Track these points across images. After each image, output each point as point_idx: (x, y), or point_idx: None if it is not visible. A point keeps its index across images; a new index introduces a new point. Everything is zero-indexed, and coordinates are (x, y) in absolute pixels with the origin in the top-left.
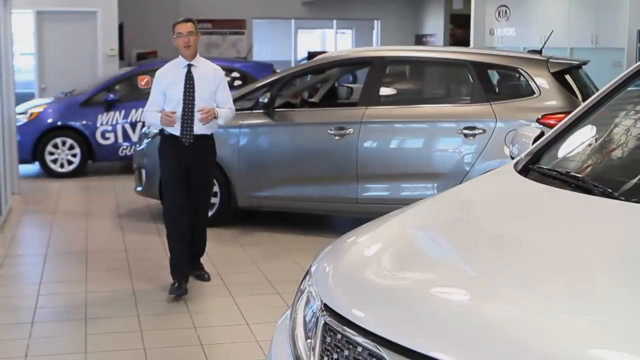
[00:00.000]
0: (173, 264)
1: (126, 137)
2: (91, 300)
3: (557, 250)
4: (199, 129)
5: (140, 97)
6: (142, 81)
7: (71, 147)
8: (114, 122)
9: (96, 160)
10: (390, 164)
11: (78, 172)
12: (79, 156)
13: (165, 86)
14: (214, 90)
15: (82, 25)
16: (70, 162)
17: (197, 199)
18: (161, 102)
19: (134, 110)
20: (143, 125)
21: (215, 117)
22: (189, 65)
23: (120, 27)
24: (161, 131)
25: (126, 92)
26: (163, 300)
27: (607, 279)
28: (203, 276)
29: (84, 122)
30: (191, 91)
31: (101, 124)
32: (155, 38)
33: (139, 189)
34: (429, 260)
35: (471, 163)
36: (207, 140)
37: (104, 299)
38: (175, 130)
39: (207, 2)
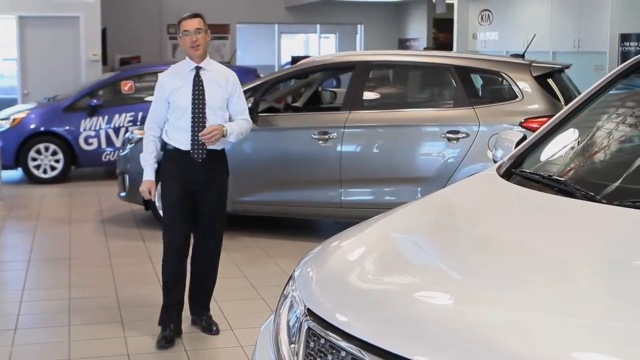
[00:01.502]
0: (162, 311)
1: (109, 142)
2: (75, 306)
3: (539, 253)
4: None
5: (123, 102)
6: (126, 86)
7: (54, 153)
8: (97, 128)
9: (79, 165)
10: (374, 168)
11: (61, 178)
12: (62, 162)
13: (169, 92)
14: (227, 98)
15: (65, 30)
16: (53, 168)
17: (206, 231)
18: (163, 112)
19: (117, 116)
20: (126, 131)
21: (224, 136)
22: (197, 68)
23: (103, 32)
24: (165, 145)
25: (109, 97)
26: (146, 306)
27: (589, 282)
28: (211, 328)
29: (67, 127)
30: (201, 98)
31: (84, 130)
32: (138, 43)
33: (123, 194)
34: (413, 264)
35: (455, 167)
36: (220, 157)
37: (87, 305)
38: (184, 143)
39: (190, 7)
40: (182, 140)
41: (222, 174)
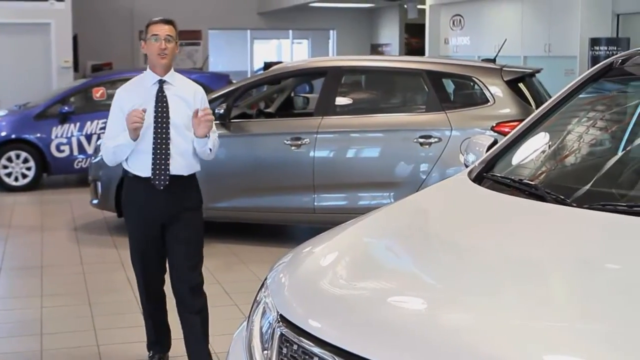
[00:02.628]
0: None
1: (81, 149)
2: (47, 315)
3: (511, 257)
4: (176, 167)
5: (95, 109)
6: (97, 93)
7: (25, 161)
8: (69, 135)
9: (51, 173)
10: (347, 173)
11: (33, 186)
12: (33, 169)
13: (128, 109)
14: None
15: (35, 37)
16: (24, 176)
17: (180, 273)
18: (122, 131)
19: (89, 123)
20: (98, 138)
21: (207, 136)
22: (161, 82)
23: (75, 39)
24: (124, 172)
25: (81, 104)
26: (120, 313)
27: (560, 285)
28: None
29: (39, 134)
30: (165, 116)
31: (56, 137)
32: (110, 49)
33: (95, 201)
34: (386, 269)
35: (427, 171)
36: (189, 183)
37: (60, 313)
38: (144, 169)
39: (162, 13)
40: (142, 166)
41: (193, 205)
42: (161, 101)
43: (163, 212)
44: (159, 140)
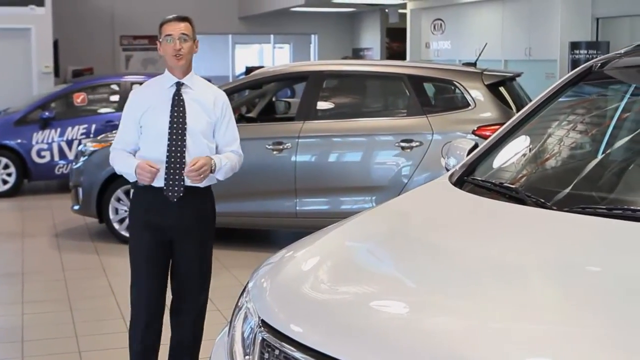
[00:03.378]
0: None
1: (62, 155)
2: (28, 322)
3: (492, 260)
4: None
5: (76, 114)
6: (78, 98)
7: (6, 167)
8: (49, 141)
9: (32, 179)
10: (329, 177)
11: (13, 192)
12: (14, 175)
13: (141, 113)
14: (213, 123)
15: (16, 42)
16: (5, 182)
17: (185, 292)
18: (133, 137)
19: (70, 128)
20: (79, 143)
21: (212, 172)
22: (179, 84)
23: (55, 44)
24: (134, 184)
25: (62, 109)
26: (101, 320)
27: (541, 288)
28: None
29: (19, 140)
30: (181, 122)
31: (37, 142)
32: (90, 54)
33: (76, 207)
34: (367, 273)
35: (409, 175)
36: (204, 196)
37: (41, 320)
38: (157, 180)
39: (143, 18)
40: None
41: (206, 218)
42: (178, 105)
43: (172, 226)
44: (173, 148)
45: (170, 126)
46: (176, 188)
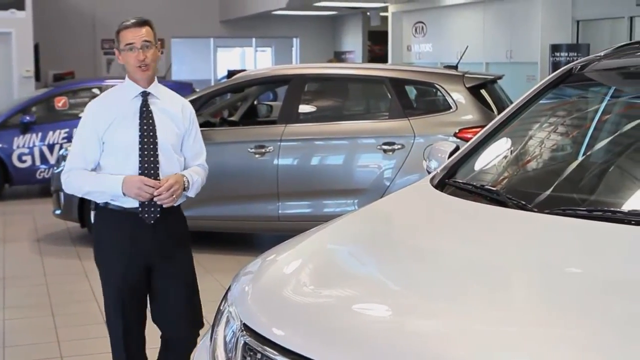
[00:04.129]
0: None
1: (44, 159)
2: (9, 327)
3: (474, 262)
4: None
5: (57, 118)
6: (59, 102)
7: None
8: (31, 145)
9: (13, 183)
10: (311, 181)
11: None
12: None
13: (104, 127)
14: (182, 135)
15: None
16: None
17: (174, 327)
18: (95, 155)
19: (51, 132)
20: (61, 147)
21: (185, 189)
22: (145, 95)
23: (36, 48)
24: (97, 206)
25: (43, 113)
26: (83, 325)
27: (523, 290)
28: None
29: (0, 145)
30: (152, 135)
31: (18, 147)
32: (72, 58)
33: (58, 212)
34: (350, 276)
35: (391, 178)
36: (179, 214)
37: (23, 325)
38: (129, 200)
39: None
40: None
41: (184, 238)
42: (147, 118)
43: (150, 251)
44: (146, 165)
45: (141, 140)
46: (152, 209)
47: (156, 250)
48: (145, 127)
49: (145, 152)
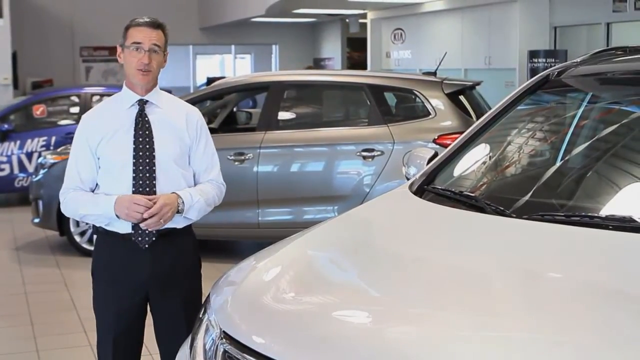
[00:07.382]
0: None
1: (22, 168)
2: None
3: (453, 268)
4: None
5: (36, 126)
6: (38, 110)
7: None
8: (9, 153)
9: None
10: (291, 187)
11: None
12: None
13: (97, 141)
14: (188, 146)
15: None
16: None
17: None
18: (92, 174)
19: (29, 141)
20: (39, 156)
21: (180, 212)
22: (142, 103)
23: (14, 56)
24: (96, 229)
25: (21, 121)
26: (63, 334)
27: (503, 296)
28: None
29: None
30: (148, 148)
31: None
32: (50, 66)
33: (37, 220)
34: (330, 282)
35: (371, 184)
36: (183, 238)
37: (1, 335)
38: (121, 223)
39: (103, 29)
40: (121, 219)
41: (189, 267)
42: (142, 128)
43: (148, 280)
44: (140, 182)
45: (135, 154)
46: (147, 232)
47: (151, 279)
48: (140, 140)
49: (140, 168)
